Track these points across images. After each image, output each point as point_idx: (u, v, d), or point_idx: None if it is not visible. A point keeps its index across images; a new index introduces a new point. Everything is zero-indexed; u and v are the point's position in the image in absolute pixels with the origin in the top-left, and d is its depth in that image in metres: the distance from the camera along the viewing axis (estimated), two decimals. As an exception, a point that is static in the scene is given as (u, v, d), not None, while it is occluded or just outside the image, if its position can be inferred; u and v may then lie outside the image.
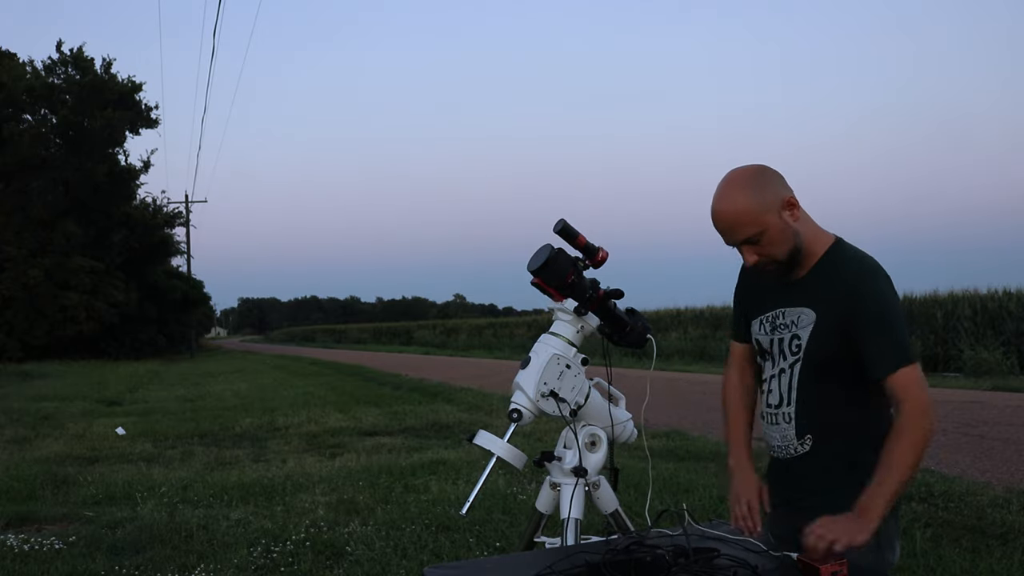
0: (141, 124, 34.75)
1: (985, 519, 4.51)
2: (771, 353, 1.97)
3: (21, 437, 9.03)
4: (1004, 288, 17.20)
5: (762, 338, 2.00)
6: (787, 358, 1.92)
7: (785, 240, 1.82)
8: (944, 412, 9.16)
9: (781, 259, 1.83)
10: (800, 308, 1.88)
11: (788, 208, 1.82)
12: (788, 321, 1.92)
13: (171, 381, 20.14)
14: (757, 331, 2.01)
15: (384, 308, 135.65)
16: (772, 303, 1.96)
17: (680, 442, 7.58)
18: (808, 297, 1.87)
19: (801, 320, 1.88)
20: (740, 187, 1.81)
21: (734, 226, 1.80)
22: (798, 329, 1.89)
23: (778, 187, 1.83)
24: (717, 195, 1.83)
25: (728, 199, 1.81)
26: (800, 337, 1.88)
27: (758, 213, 1.78)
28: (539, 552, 2.01)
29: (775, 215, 1.80)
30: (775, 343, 1.95)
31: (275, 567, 4.07)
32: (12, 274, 29.58)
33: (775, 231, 1.80)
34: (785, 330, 1.92)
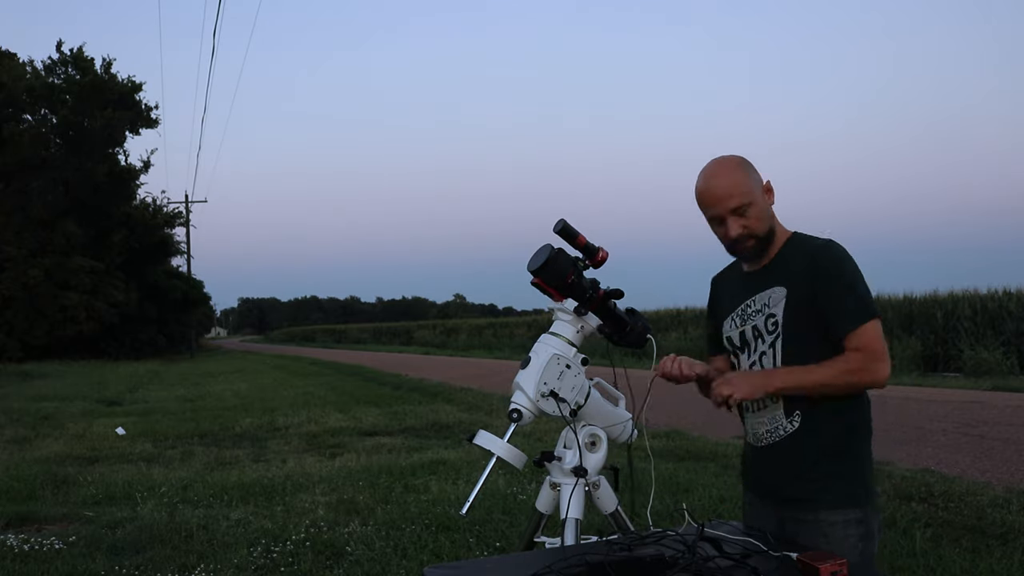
0: (141, 124, 34.76)
1: (985, 519, 4.51)
2: (746, 342, 2.05)
3: (21, 437, 9.03)
4: (1004, 288, 17.22)
5: (733, 333, 2.08)
6: (765, 339, 1.99)
7: (765, 218, 1.96)
8: (944, 412, 9.16)
9: (760, 235, 1.95)
10: (770, 289, 1.98)
11: (767, 191, 1.99)
12: (760, 306, 2.01)
13: (171, 381, 20.14)
14: (728, 329, 2.10)
15: (384, 308, 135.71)
16: (738, 298, 2.07)
17: (680, 442, 7.59)
18: (776, 277, 1.98)
19: (773, 298, 1.97)
20: (731, 165, 1.97)
21: (726, 196, 1.92)
22: (771, 308, 1.98)
23: (758, 173, 2.00)
24: (708, 171, 1.97)
25: (721, 173, 1.95)
26: (775, 314, 1.96)
27: (748, 186, 1.93)
28: (539, 552, 2.01)
29: (759, 193, 1.96)
30: (749, 330, 2.04)
31: (275, 567, 4.07)
32: (12, 274, 29.58)
33: (759, 207, 1.95)
34: (758, 315, 2.01)
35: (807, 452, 1.94)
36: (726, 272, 2.20)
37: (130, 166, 35.42)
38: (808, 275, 1.91)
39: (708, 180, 1.95)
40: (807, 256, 1.93)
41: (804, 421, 1.94)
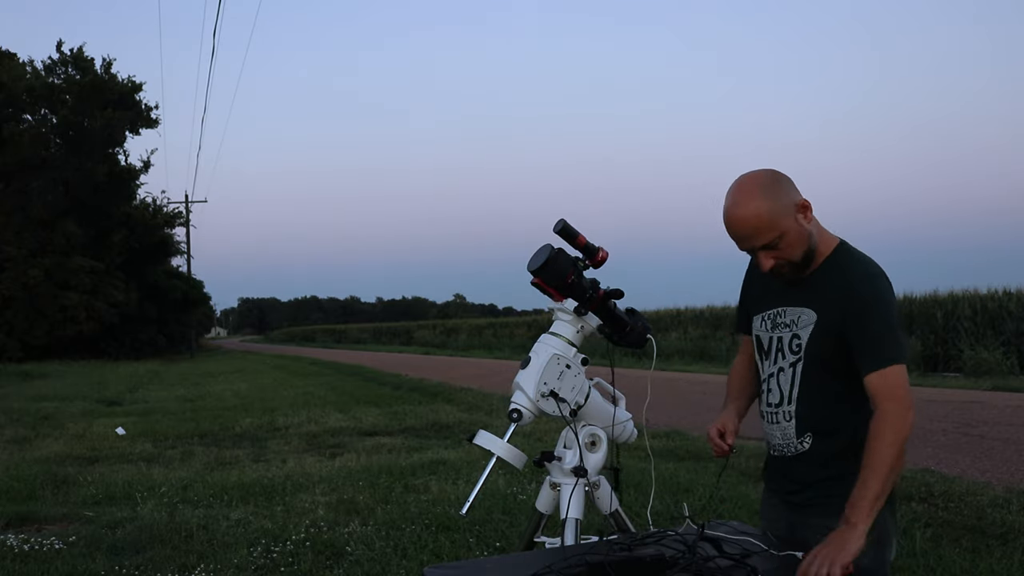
0: (141, 124, 34.77)
1: (985, 519, 4.51)
2: (769, 351, 2.01)
3: (21, 437, 9.03)
4: (1004, 288, 17.22)
5: (762, 335, 2.03)
6: (787, 357, 1.95)
7: (801, 243, 1.84)
8: (944, 412, 9.16)
9: (796, 261, 1.86)
10: (801, 308, 1.91)
11: (802, 211, 1.84)
12: (789, 320, 1.94)
13: (171, 381, 20.14)
14: (758, 328, 2.04)
15: (384, 308, 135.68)
16: (774, 301, 1.99)
17: (680, 442, 7.59)
18: (810, 298, 1.90)
19: (801, 320, 1.91)
20: (757, 193, 1.81)
21: (753, 233, 1.81)
22: (798, 329, 1.92)
23: (792, 191, 1.85)
24: (732, 201, 1.82)
25: (745, 206, 1.80)
26: (800, 337, 1.91)
27: (777, 219, 1.80)
28: (539, 552, 2.01)
29: (792, 219, 1.82)
30: (774, 341, 1.99)
31: (275, 567, 4.07)
32: (12, 274, 29.58)
33: (792, 235, 1.82)
34: (786, 329, 1.95)
35: (816, 469, 1.94)
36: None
37: (130, 166, 35.44)
38: (842, 303, 1.83)
39: (732, 213, 1.82)
40: (846, 283, 1.84)
41: (815, 443, 1.94)
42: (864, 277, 1.84)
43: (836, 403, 1.90)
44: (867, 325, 1.80)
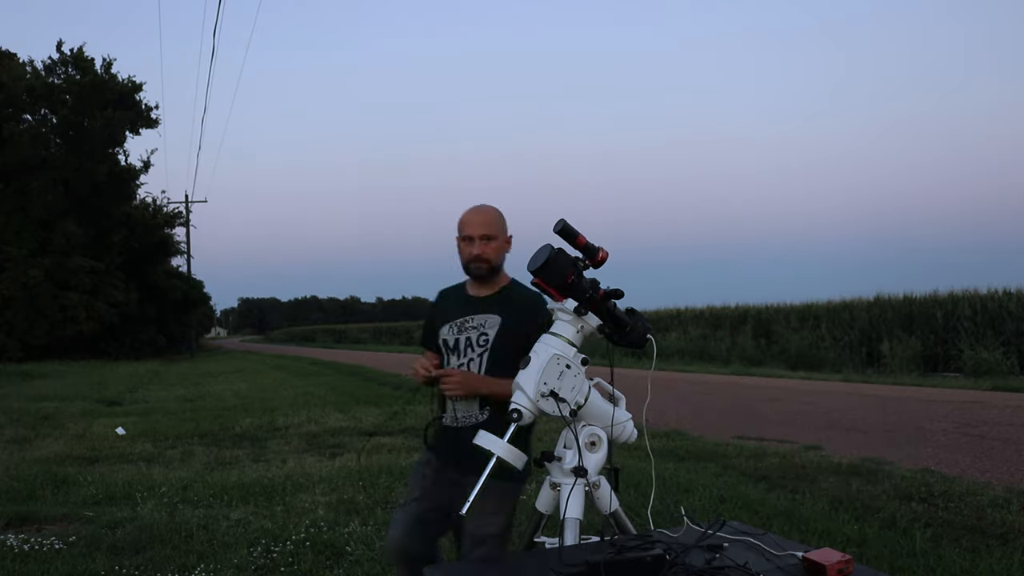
0: (141, 124, 34.75)
1: (985, 519, 4.51)
2: (456, 348, 2.64)
3: (21, 437, 9.03)
4: (1004, 288, 17.24)
5: (450, 337, 2.67)
6: (475, 349, 2.60)
7: (500, 255, 2.62)
8: (944, 412, 9.16)
9: (492, 264, 2.59)
10: (487, 315, 2.61)
11: (508, 241, 2.66)
12: (476, 324, 2.62)
13: (171, 381, 20.14)
14: (446, 333, 2.68)
15: (384, 308, 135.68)
16: (460, 314, 2.67)
17: (680, 442, 7.59)
18: (494, 308, 2.61)
19: (488, 323, 2.60)
20: (495, 209, 2.64)
21: (488, 222, 2.57)
22: (486, 329, 2.60)
23: (506, 227, 2.66)
24: (480, 205, 2.62)
25: (490, 208, 2.62)
26: (488, 334, 2.59)
27: (501, 227, 2.61)
28: (539, 552, 2.01)
29: (504, 237, 2.63)
30: (462, 340, 2.63)
31: (275, 567, 4.07)
32: (12, 274, 29.57)
33: (500, 244, 2.61)
34: (473, 330, 2.62)
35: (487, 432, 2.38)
36: (451, 291, 2.77)
37: (130, 166, 35.42)
38: (525, 317, 2.48)
39: (482, 206, 2.61)
40: (525, 303, 2.57)
41: (492, 414, 2.54)
42: (536, 300, 2.53)
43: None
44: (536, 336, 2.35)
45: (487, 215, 2.59)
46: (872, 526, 4.44)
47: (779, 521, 4.51)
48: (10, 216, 30.32)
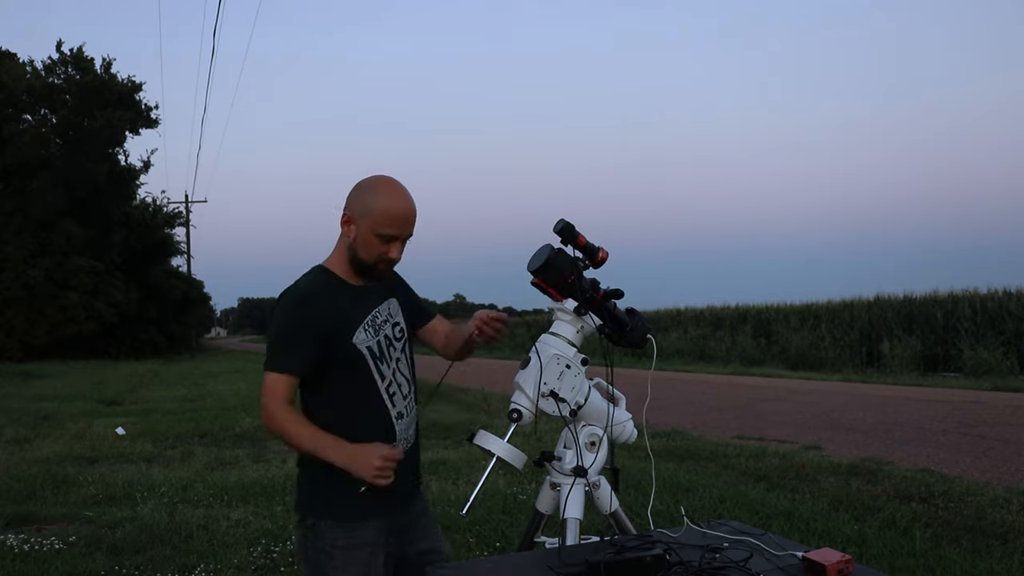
0: (141, 124, 34.75)
1: (985, 519, 4.51)
2: (383, 353, 2.08)
3: (21, 437, 9.02)
4: (1004, 288, 17.24)
5: (372, 343, 2.05)
6: (396, 346, 2.13)
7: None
8: (944, 412, 9.16)
9: (396, 263, 2.09)
10: (386, 301, 2.16)
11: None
12: (384, 316, 2.13)
13: (171, 381, 20.13)
14: (365, 340, 2.04)
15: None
16: (363, 311, 2.07)
17: (680, 442, 7.59)
18: (384, 293, 2.15)
19: (392, 307, 2.17)
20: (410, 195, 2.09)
21: (412, 223, 2.03)
22: (393, 316, 2.16)
23: None
24: (405, 194, 2.02)
25: (410, 199, 2.04)
26: (400, 322, 2.18)
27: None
28: (539, 552, 2.01)
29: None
30: (383, 340, 2.09)
31: (275, 567, 4.07)
32: (12, 274, 29.57)
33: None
34: (386, 324, 2.13)
35: (416, 445, 2.19)
36: (322, 287, 2.03)
37: (130, 166, 35.45)
38: (398, 285, 2.21)
39: (409, 202, 2.01)
40: (394, 278, 2.20)
41: (416, 418, 2.19)
42: (397, 275, 2.23)
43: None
44: (411, 292, 2.30)
45: (415, 210, 2.03)
46: (872, 526, 4.44)
47: (779, 521, 4.51)
48: (10, 216, 30.32)
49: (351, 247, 2.01)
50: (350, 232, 2.01)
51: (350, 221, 2.00)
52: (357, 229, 1.99)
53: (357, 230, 1.99)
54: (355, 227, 1.99)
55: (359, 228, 1.98)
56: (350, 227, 2.00)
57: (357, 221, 1.98)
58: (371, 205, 1.97)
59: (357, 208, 1.99)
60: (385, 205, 1.98)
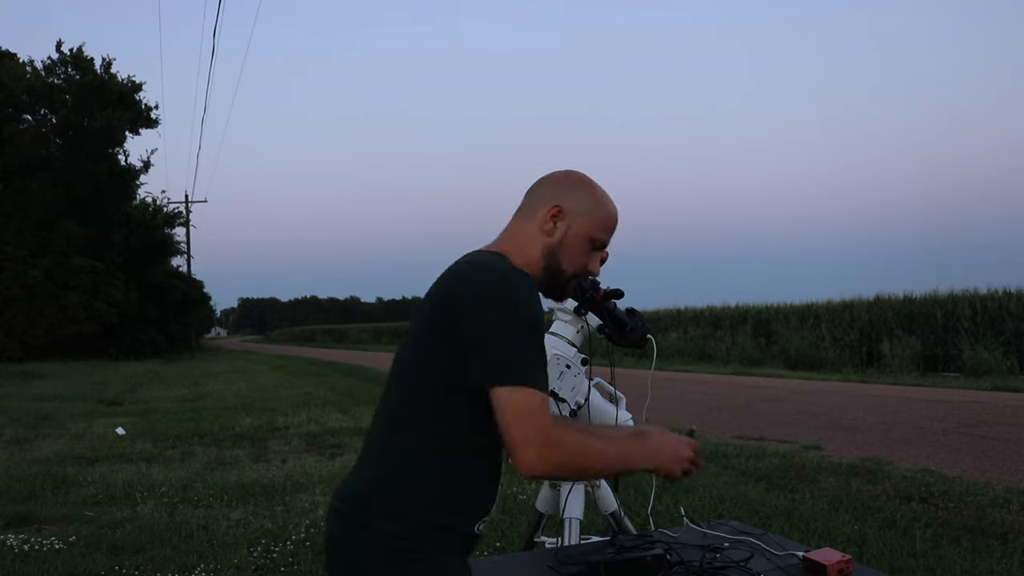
0: (141, 124, 34.73)
1: (985, 519, 4.51)
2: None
3: (21, 437, 9.02)
4: (1004, 288, 17.23)
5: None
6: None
7: None
8: (944, 412, 9.16)
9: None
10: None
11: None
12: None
13: (171, 381, 20.13)
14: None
15: (384, 308, 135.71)
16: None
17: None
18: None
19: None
20: None
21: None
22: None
23: None
24: (608, 196, 1.65)
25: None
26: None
27: None
28: (539, 552, 2.01)
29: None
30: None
31: (275, 567, 4.07)
32: (12, 274, 29.56)
33: None
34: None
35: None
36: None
37: (130, 166, 35.42)
38: None
39: (614, 207, 1.65)
40: None
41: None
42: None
43: None
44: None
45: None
46: (872, 526, 4.44)
47: (779, 521, 4.51)
48: (10, 216, 30.31)
49: (551, 249, 1.58)
50: (556, 230, 1.58)
51: (561, 216, 1.58)
52: (568, 228, 1.58)
53: (568, 229, 1.58)
54: (566, 224, 1.58)
55: (572, 227, 1.58)
56: (557, 224, 1.58)
57: (570, 218, 1.58)
58: (591, 202, 1.60)
59: (573, 202, 1.58)
60: (608, 205, 1.62)
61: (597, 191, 1.62)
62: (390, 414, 1.51)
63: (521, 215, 1.61)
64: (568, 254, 1.59)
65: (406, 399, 1.48)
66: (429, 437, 1.45)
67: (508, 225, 1.63)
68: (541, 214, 1.57)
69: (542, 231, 1.57)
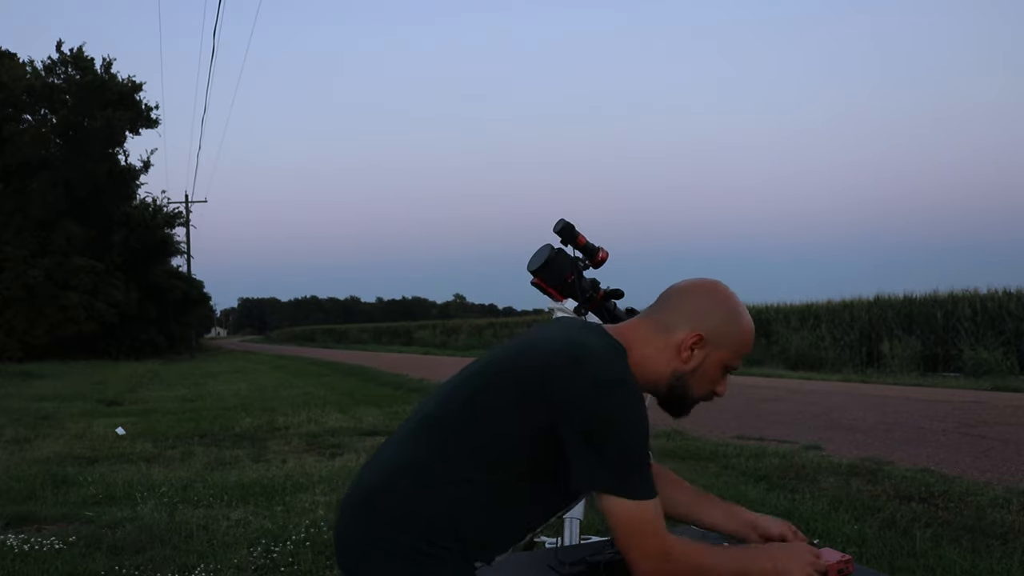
0: (141, 124, 34.77)
1: (985, 519, 4.51)
2: None
3: (21, 437, 9.02)
4: (1004, 288, 17.24)
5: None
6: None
7: None
8: (944, 412, 9.16)
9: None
10: None
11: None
12: None
13: (171, 381, 20.13)
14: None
15: (384, 308, 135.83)
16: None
17: (680, 442, 7.59)
18: None
19: None
20: None
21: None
22: None
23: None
24: (747, 314, 1.54)
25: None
26: None
27: None
28: (539, 552, 2.01)
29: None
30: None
31: (275, 567, 4.07)
32: (12, 274, 29.59)
33: None
34: None
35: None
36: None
37: (130, 166, 35.47)
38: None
39: (752, 330, 1.53)
40: None
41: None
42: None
43: None
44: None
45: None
46: (872, 526, 4.44)
47: (779, 521, 4.50)
48: (10, 216, 30.34)
49: (682, 375, 1.50)
50: (692, 358, 1.49)
51: (701, 345, 1.48)
52: (706, 356, 1.49)
53: (707, 358, 1.49)
54: (705, 353, 1.49)
55: (710, 356, 1.49)
56: (695, 352, 1.48)
57: (712, 346, 1.48)
58: (733, 330, 1.50)
59: (715, 329, 1.48)
60: (749, 331, 1.52)
61: (743, 317, 1.51)
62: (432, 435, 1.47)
63: (655, 322, 1.51)
64: (700, 380, 1.52)
65: (456, 431, 1.45)
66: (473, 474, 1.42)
67: (638, 322, 1.53)
68: (680, 337, 1.48)
69: (678, 356, 1.49)
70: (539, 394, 1.38)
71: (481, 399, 1.45)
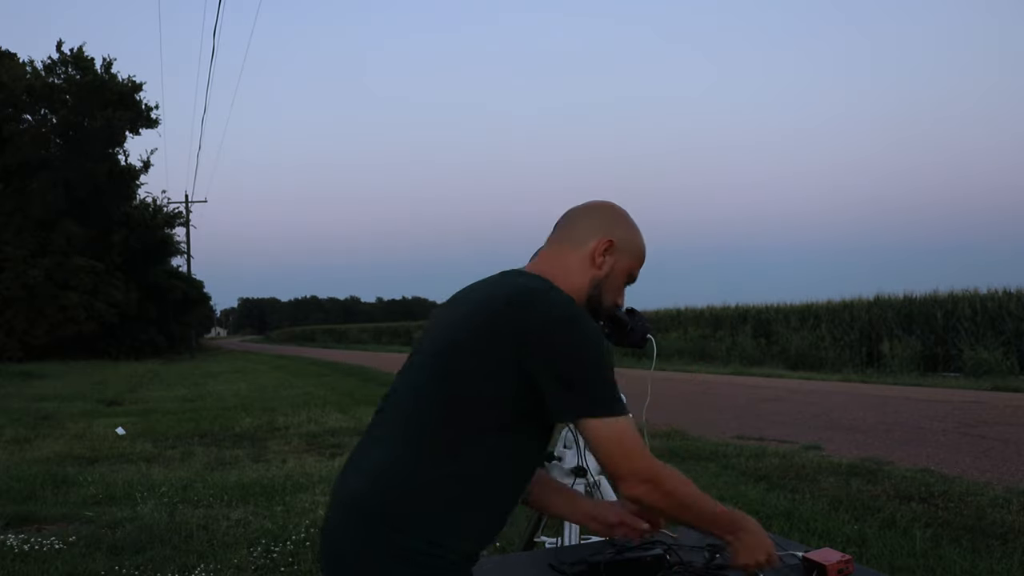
0: (141, 124, 34.75)
1: (985, 519, 4.51)
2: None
3: (21, 437, 9.03)
4: (1004, 288, 17.25)
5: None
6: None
7: None
8: (944, 412, 9.17)
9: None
10: None
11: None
12: None
13: (171, 381, 20.13)
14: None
15: (384, 308, 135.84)
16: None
17: (680, 442, 7.59)
18: None
19: None
20: None
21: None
22: None
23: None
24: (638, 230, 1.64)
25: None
26: None
27: None
28: (539, 552, 2.01)
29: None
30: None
31: (275, 567, 4.07)
32: (12, 274, 29.58)
33: None
34: None
35: None
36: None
37: (130, 166, 35.45)
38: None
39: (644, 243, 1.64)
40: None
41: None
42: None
43: None
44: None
45: None
46: (872, 526, 4.44)
47: (779, 521, 4.51)
48: (10, 216, 30.34)
49: (598, 282, 1.56)
50: (605, 263, 1.56)
51: (611, 250, 1.56)
52: (616, 263, 1.57)
53: (615, 264, 1.57)
54: (614, 259, 1.56)
55: (618, 263, 1.57)
56: (607, 258, 1.56)
57: (619, 253, 1.57)
58: (636, 239, 1.60)
59: (621, 237, 1.58)
60: (643, 244, 1.63)
61: (639, 231, 1.62)
62: (411, 431, 1.44)
63: (564, 243, 1.57)
64: (610, 288, 1.58)
65: (433, 423, 1.42)
66: (458, 467, 1.41)
67: (547, 251, 1.59)
68: (592, 245, 1.55)
69: (592, 263, 1.55)
70: (504, 349, 1.38)
71: (453, 382, 1.42)
